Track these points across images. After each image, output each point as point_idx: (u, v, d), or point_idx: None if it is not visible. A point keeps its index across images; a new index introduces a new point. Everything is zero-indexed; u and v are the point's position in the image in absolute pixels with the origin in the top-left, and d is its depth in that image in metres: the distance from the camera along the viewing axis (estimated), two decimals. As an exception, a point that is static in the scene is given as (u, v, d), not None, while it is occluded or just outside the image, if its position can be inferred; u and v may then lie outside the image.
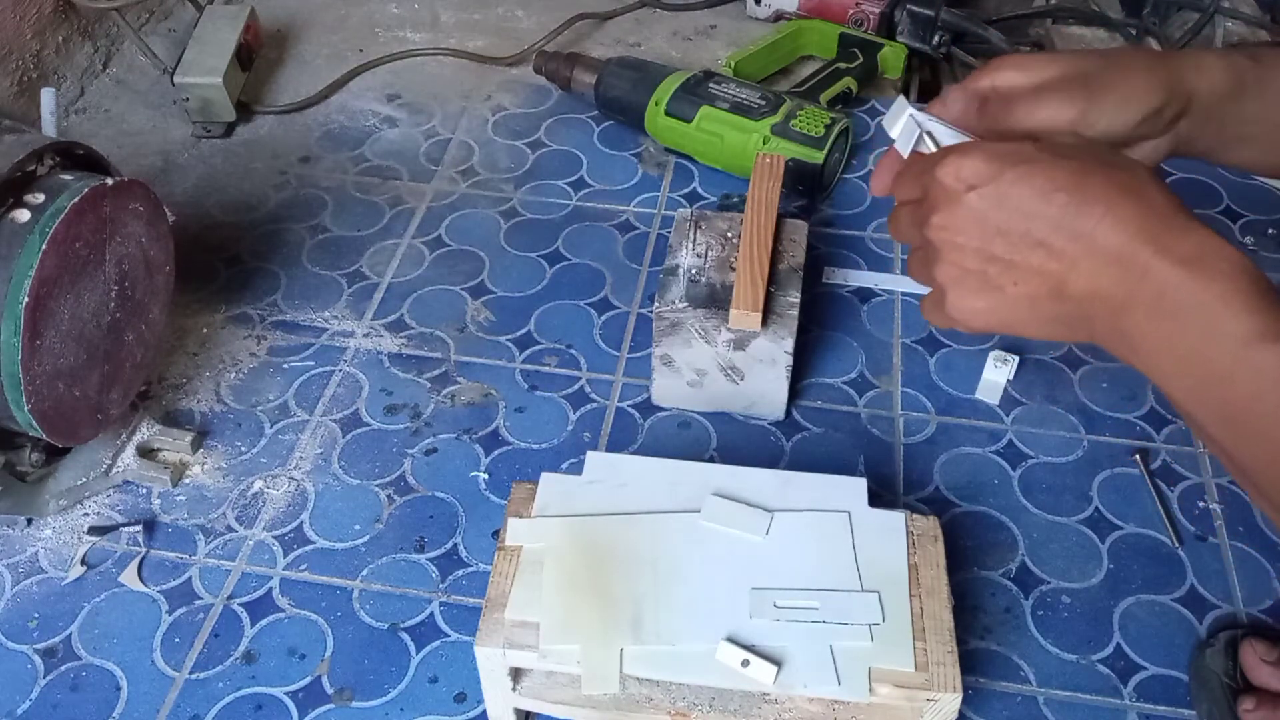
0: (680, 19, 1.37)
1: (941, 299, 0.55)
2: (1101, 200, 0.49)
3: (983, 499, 0.85)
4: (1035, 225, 0.50)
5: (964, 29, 1.23)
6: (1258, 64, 0.58)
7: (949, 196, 0.52)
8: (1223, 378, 0.48)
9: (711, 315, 0.85)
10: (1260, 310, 0.47)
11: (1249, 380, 0.47)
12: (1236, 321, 0.47)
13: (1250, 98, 0.58)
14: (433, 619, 0.78)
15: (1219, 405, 0.49)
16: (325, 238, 1.07)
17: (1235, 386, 0.47)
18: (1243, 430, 0.49)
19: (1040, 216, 0.50)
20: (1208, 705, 0.72)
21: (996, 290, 0.52)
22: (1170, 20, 1.27)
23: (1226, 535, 0.83)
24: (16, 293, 0.69)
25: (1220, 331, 0.47)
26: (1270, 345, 0.46)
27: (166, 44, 1.29)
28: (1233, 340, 0.47)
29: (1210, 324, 0.47)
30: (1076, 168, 0.50)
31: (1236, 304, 0.47)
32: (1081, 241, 0.49)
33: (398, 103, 1.23)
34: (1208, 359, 0.48)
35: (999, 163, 0.50)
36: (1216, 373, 0.48)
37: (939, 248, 0.53)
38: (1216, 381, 0.48)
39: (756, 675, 0.62)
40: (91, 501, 0.85)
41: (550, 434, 0.90)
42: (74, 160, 0.78)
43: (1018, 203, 0.50)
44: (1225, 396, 0.48)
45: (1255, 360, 0.46)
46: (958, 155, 0.52)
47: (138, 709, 0.73)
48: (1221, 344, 0.47)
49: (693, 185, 1.13)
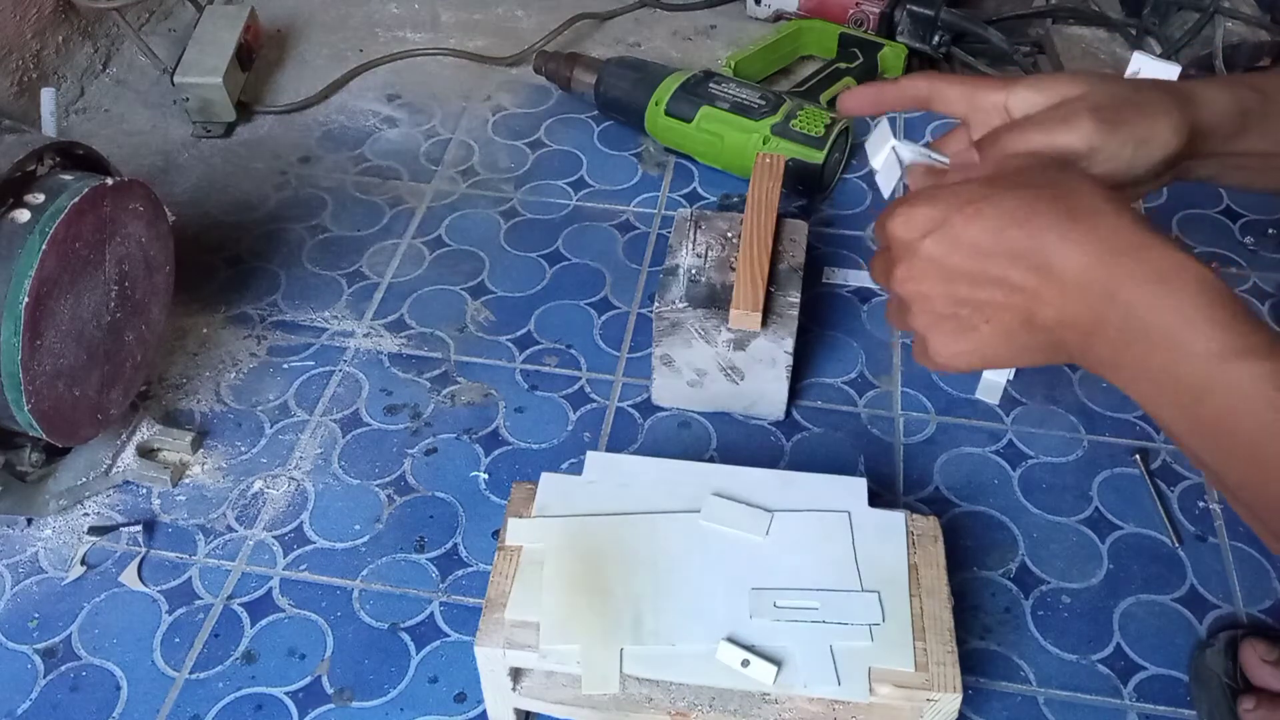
0: (680, 19, 1.37)
1: (924, 345, 0.55)
2: (1053, 229, 0.48)
3: (983, 499, 0.85)
4: (992, 263, 0.50)
5: (964, 29, 1.23)
6: (1263, 97, 0.58)
7: (906, 248, 0.52)
8: (1195, 396, 0.47)
9: (711, 315, 0.85)
10: (1224, 325, 0.46)
11: (1220, 397, 0.46)
12: (1201, 340, 0.46)
13: (1253, 131, 0.58)
14: (433, 619, 0.78)
15: (1196, 423, 0.48)
16: (325, 238, 1.07)
17: (1208, 404, 0.47)
18: (1221, 445, 0.48)
19: (995, 254, 0.49)
20: (1208, 705, 0.72)
21: (971, 330, 0.52)
22: (1170, 20, 1.27)
23: (1226, 535, 0.83)
24: (16, 293, 0.69)
25: (1186, 351, 0.47)
26: (1236, 362, 0.46)
27: (166, 44, 1.29)
28: (1199, 359, 0.46)
29: (1176, 344, 0.47)
30: (1026, 199, 0.49)
31: (1200, 321, 0.46)
32: (1039, 272, 0.49)
33: (398, 103, 1.23)
34: (1178, 378, 0.47)
35: (945, 206, 0.50)
36: (1189, 391, 0.47)
37: (908, 299, 0.53)
38: (1190, 400, 0.47)
39: (756, 675, 0.62)
40: (91, 501, 0.85)
41: (550, 434, 0.90)
42: (74, 160, 0.78)
43: (971, 243, 0.50)
44: (1200, 414, 0.48)
45: (1224, 378, 0.46)
46: (906, 206, 0.51)
47: (138, 709, 0.73)
48: (1190, 363, 0.47)
49: (693, 185, 1.13)
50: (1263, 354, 0.45)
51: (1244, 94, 0.58)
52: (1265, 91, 0.58)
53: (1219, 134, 0.57)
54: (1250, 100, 0.58)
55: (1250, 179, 0.61)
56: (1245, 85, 0.59)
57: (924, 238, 0.51)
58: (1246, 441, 0.47)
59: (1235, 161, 0.59)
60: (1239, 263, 1.05)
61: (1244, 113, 0.57)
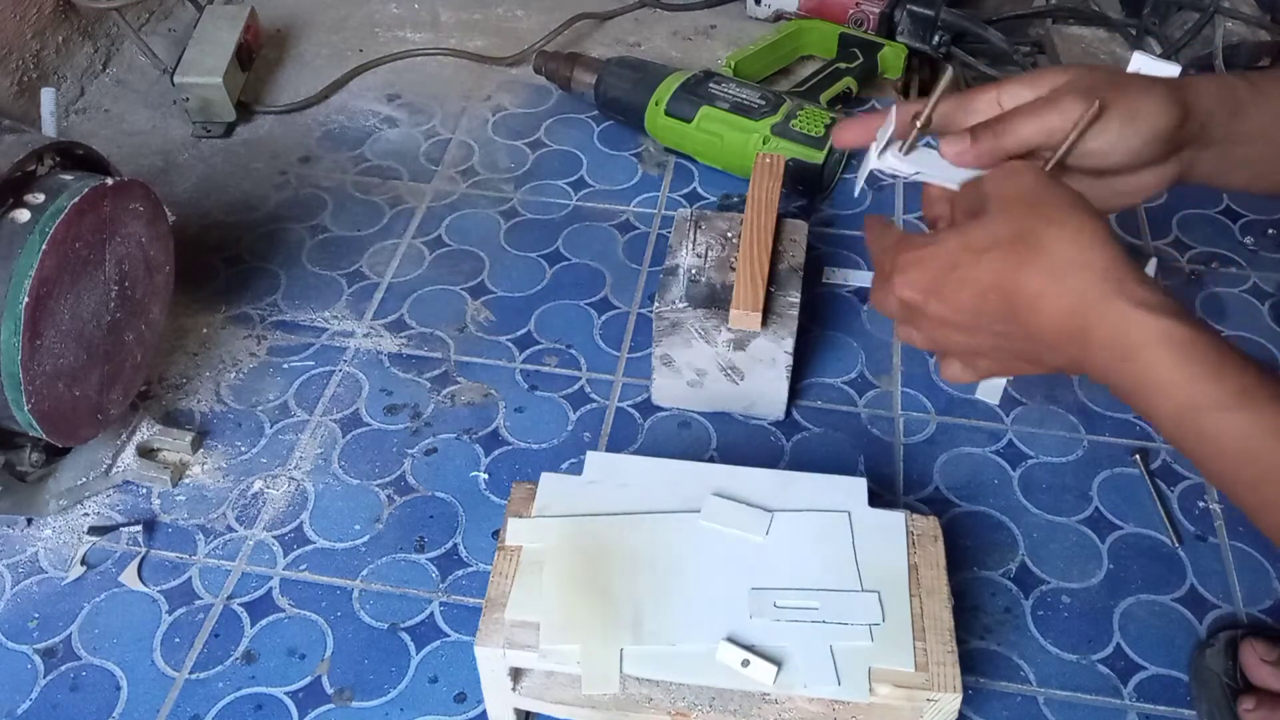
0: (680, 19, 1.37)
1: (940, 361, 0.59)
2: (1031, 292, 0.50)
3: (983, 499, 0.85)
4: (984, 321, 0.53)
5: (964, 29, 1.23)
6: (1252, 85, 0.59)
7: (913, 310, 0.55)
8: (1187, 436, 0.49)
9: (711, 315, 0.85)
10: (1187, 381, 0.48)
11: (1201, 447, 0.49)
12: (1167, 400, 0.48)
13: (1248, 118, 0.59)
14: (433, 619, 0.78)
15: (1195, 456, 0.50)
16: (325, 238, 1.07)
17: (1195, 451, 0.49)
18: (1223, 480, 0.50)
19: (985, 314, 0.52)
20: (1208, 705, 0.72)
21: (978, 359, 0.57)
22: (1170, 20, 1.27)
23: (1226, 535, 0.83)
24: (16, 293, 0.69)
25: (1157, 411, 0.49)
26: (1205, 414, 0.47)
27: (166, 44, 1.29)
28: (1168, 418, 0.49)
29: (1147, 402, 0.49)
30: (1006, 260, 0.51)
31: (1164, 383, 0.48)
32: (1028, 329, 0.52)
33: (398, 103, 1.23)
34: (1170, 420, 0.49)
35: (934, 274, 0.53)
36: (1183, 431, 0.49)
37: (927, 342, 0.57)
38: (1185, 438, 0.49)
39: (756, 675, 0.62)
40: (91, 501, 0.85)
41: (550, 434, 0.90)
42: (74, 160, 0.78)
43: (963, 306, 0.53)
44: (1194, 456, 0.50)
45: (1197, 430, 0.48)
46: (901, 274, 0.54)
47: (138, 709, 0.73)
48: (1162, 419, 0.49)
49: (693, 185, 1.13)
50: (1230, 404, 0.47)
51: (1234, 82, 0.59)
52: (1254, 81, 0.59)
53: (1213, 118, 0.58)
54: (1241, 87, 0.59)
55: (1253, 179, 0.62)
56: (1236, 76, 0.60)
57: (927, 299, 0.54)
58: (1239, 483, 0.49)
59: (1235, 153, 0.60)
60: (1239, 263, 1.05)
61: (1236, 98, 0.59)
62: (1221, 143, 0.59)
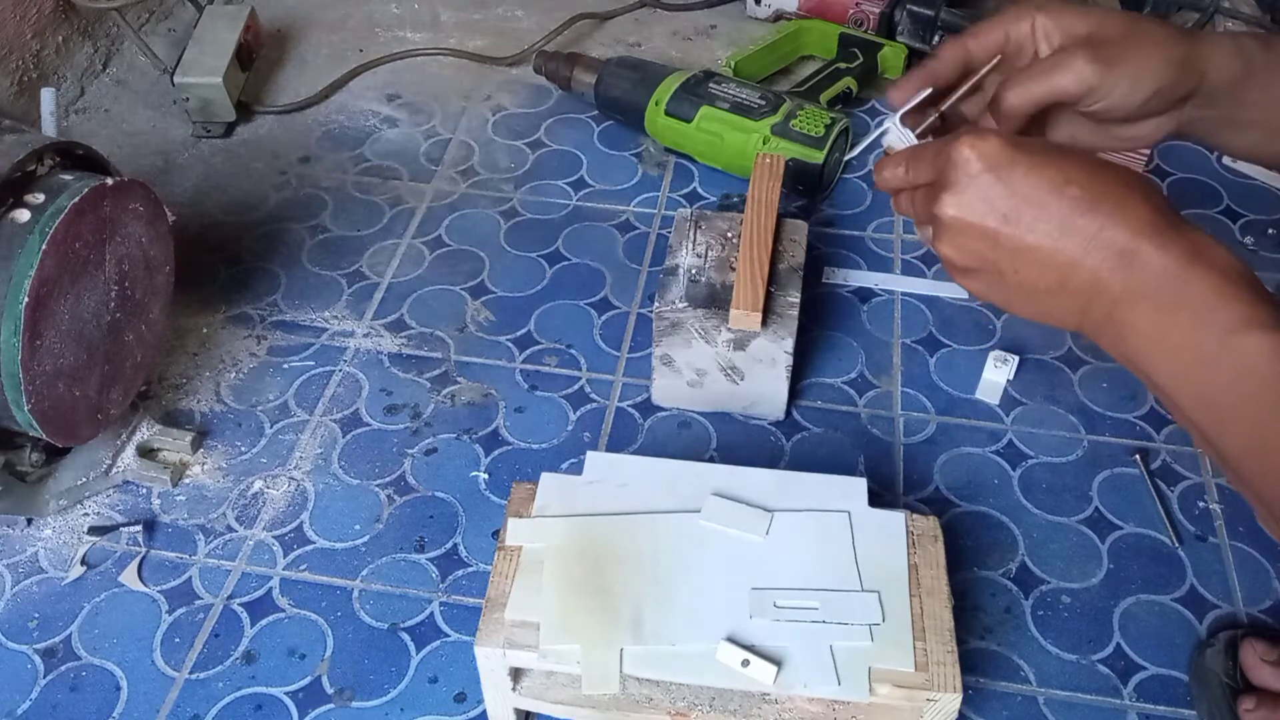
0: (680, 19, 1.37)
1: (941, 258, 0.57)
2: (1112, 196, 0.51)
3: (983, 499, 0.85)
4: (1043, 216, 0.52)
5: (964, 29, 1.23)
6: (1268, 49, 0.59)
7: (965, 173, 0.53)
8: (1207, 364, 0.50)
9: (711, 315, 0.85)
10: (1249, 301, 0.50)
11: (1231, 366, 0.50)
12: (1227, 310, 0.50)
13: (1257, 83, 0.59)
14: (433, 619, 0.78)
15: (1201, 390, 0.51)
16: (325, 238, 1.07)
17: (1218, 372, 0.50)
18: (1222, 415, 0.51)
19: (1051, 208, 0.51)
20: (1208, 705, 0.72)
21: (996, 275, 0.54)
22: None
23: (1226, 535, 0.83)
24: (16, 293, 0.69)
25: (1210, 320, 0.50)
26: (1253, 332, 0.49)
27: (166, 44, 1.29)
28: (1220, 328, 0.50)
29: (1201, 313, 0.50)
30: (1088, 165, 0.52)
31: (1228, 294, 0.50)
32: (1088, 235, 0.51)
33: (398, 103, 1.23)
34: (1195, 346, 0.50)
35: (1014, 149, 0.52)
36: (1202, 359, 0.50)
37: (946, 225, 0.55)
38: (1201, 368, 0.50)
39: (756, 675, 0.62)
40: (91, 501, 0.85)
41: (550, 434, 0.90)
42: (74, 160, 0.78)
43: (1029, 191, 0.52)
44: (1208, 382, 0.51)
45: (1238, 345, 0.49)
46: (976, 136, 0.53)
47: (138, 709, 0.73)
48: (1210, 331, 0.50)
49: (693, 185, 1.13)
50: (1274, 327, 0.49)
51: (1248, 43, 0.60)
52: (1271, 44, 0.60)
53: (1221, 76, 0.59)
54: (1254, 49, 0.60)
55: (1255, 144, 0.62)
56: (1251, 38, 0.61)
57: (984, 172, 0.52)
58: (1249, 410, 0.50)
59: (1238, 115, 0.60)
60: (1239, 263, 1.05)
61: (1248, 59, 0.59)
62: (1227, 105, 0.60)
